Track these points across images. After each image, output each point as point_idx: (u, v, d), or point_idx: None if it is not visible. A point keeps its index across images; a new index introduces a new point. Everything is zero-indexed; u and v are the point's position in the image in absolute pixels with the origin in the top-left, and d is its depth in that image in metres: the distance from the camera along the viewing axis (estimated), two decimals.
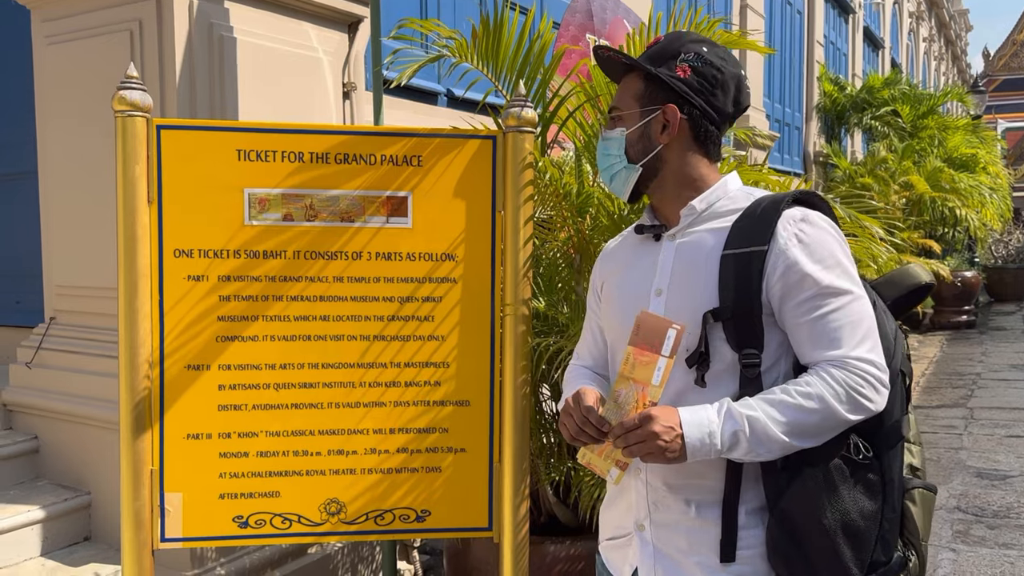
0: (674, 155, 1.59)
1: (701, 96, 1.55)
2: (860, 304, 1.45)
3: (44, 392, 3.42)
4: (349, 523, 2.46)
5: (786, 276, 1.45)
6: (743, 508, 1.50)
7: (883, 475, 1.47)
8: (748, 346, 1.47)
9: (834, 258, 1.45)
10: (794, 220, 1.48)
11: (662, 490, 1.56)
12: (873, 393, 1.41)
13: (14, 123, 3.92)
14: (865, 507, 1.44)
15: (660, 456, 1.41)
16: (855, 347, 1.42)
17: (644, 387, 1.45)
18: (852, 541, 1.43)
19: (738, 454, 1.43)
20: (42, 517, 3.15)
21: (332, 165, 2.38)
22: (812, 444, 1.43)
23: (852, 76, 14.64)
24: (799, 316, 1.46)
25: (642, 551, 1.59)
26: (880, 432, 1.48)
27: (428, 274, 2.43)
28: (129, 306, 2.30)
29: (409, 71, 2.62)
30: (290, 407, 2.41)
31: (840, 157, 12.02)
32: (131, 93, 2.27)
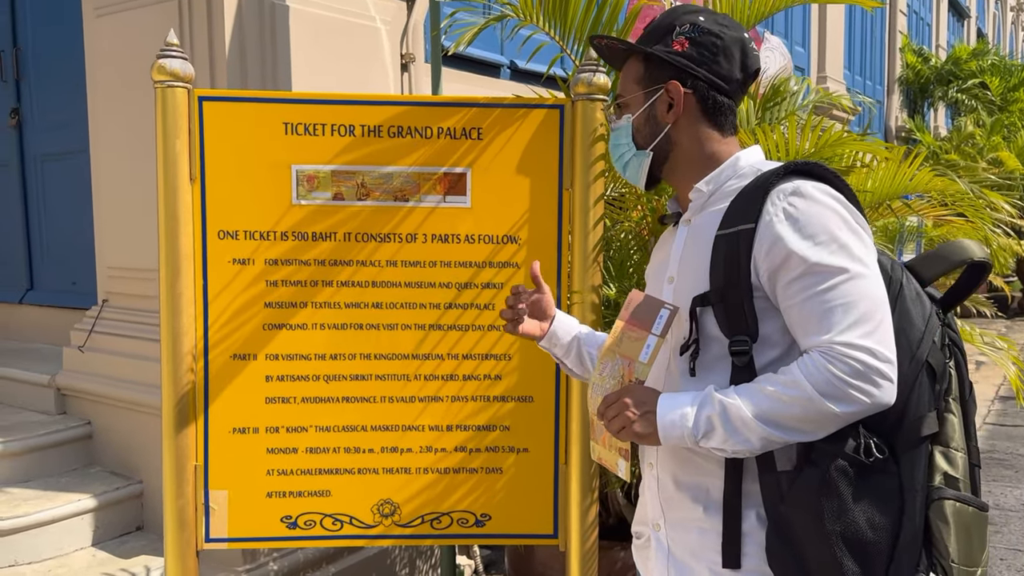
0: (684, 134, 1.49)
1: (703, 67, 1.45)
2: (858, 283, 1.26)
3: (96, 377, 3.33)
4: (403, 526, 2.28)
5: (772, 254, 1.31)
6: (750, 511, 1.37)
7: (901, 481, 1.29)
8: (738, 332, 1.35)
9: (827, 232, 1.28)
10: (784, 194, 1.33)
11: (671, 486, 1.48)
12: (865, 385, 1.23)
13: (69, 100, 3.83)
14: (875, 517, 1.27)
15: (630, 431, 1.36)
16: (845, 331, 1.24)
17: (630, 363, 1.39)
18: (858, 555, 1.26)
19: (716, 443, 1.31)
20: (93, 506, 3.06)
21: (385, 139, 2.18)
22: (802, 438, 1.28)
23: (936, 47, 13.92)
24: (788, 298, 1.31)
25: (658, 554, 1.51)
26: (900, 431, 1.30)
27: (488, 258, 2.22)
28: (171, 291, 2.15)
29: (468, 35, 2.41)
30: (341, 400, 2.24)
31: (923, 132, 11.44)
32: (171, 62, 2.11)
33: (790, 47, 8.36)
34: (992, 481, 4.81)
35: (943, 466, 1.31)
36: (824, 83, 9.01)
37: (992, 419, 6.21)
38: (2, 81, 4.20)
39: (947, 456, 1.32)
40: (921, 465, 1.30)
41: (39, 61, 4.09)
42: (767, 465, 1.33)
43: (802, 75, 8.71)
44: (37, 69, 4.10)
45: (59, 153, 4.02)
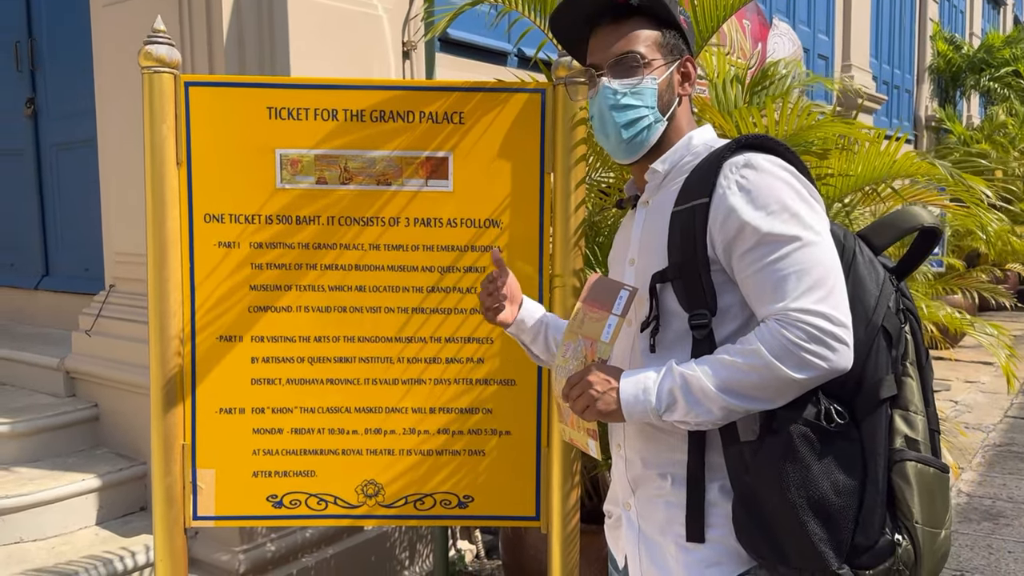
0: (681, 109, 1.50)
1: (689, 47, 1.51)
2: (810, 250, 1.27)
3: (103, 360, 3.40)
4: (387, 507, 2.31)
5: (726, 226, 1.32)
6: (713, 484, 1.38)
7: (863, 445, 1.29)
8: (697, 307, 1.36)
9: (780, 203, 1.29)
10: (736, 167, 1.34)
11: (639, 465, 1.48)
12: (821, 349, 1.23)
13: (83, 90, 3.90)
14: (839, 481, 1.27)
15: (594, 410, 1.36)
16: (799, 298, 1.25)
17: (592, 343, 1.39)
18: (824, 519, 1.26)
19: (679, 415, 1.32)
20: (98, 486, 3.13)
21: (368, 124, 2.20)
22: (763, 406, 1.29)
23: (970, 35, 13.65)
24: (744, 269, 1.32)
25: (628, 533, 1.52)
26: (859, 396, 1.30)
27: (471, 242, 2.24)
28: (158, 274, 2.19)
29: (443, 21, 2.41)
30: (325, 382, 2.27)
31: (954, 121, 11.24)
32: (157, 48, 2.14)
33: (812, 35, 8.25)
34: (1008, 474, 4.74)
35: (903, 429, 1.31)
36: (849, 71, 8.88)
37: (1014, 412, 6.11)
38: (18, 71, 4.29)
39: (907, 419, 1.32)
40: (882, 428, 1.30)
41: (54, 51, 4.17)
42: (730, 436, 1.34)
43: (825, 63, 8.60)
44: (52, 59, 4.18)
45: (73, 142, 4.10)
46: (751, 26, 4.68)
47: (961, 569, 3.56)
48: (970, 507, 4.27)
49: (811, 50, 8.25)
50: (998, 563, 3.61)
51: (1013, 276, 10.34)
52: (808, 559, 1.27)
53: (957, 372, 7.39)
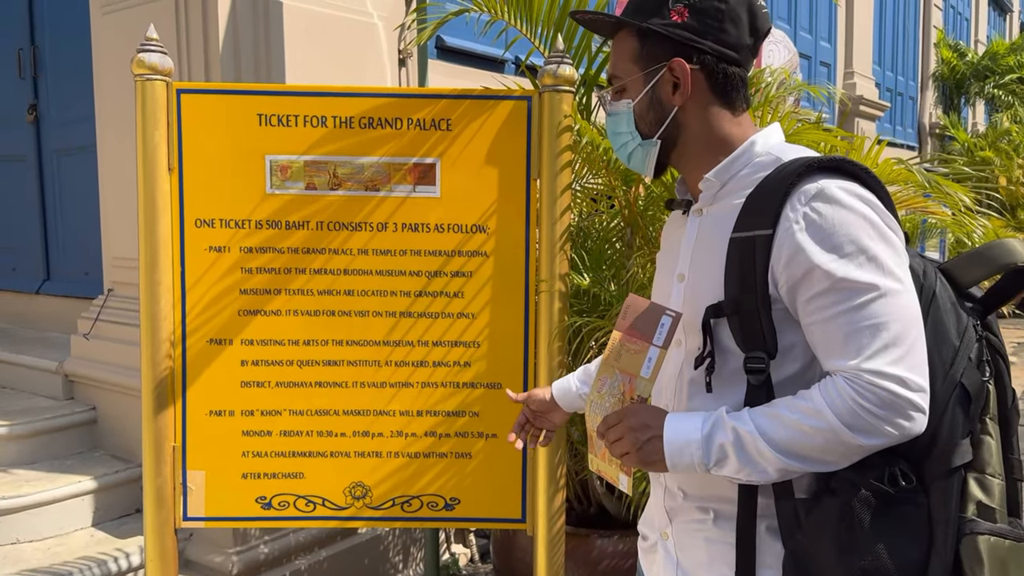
0: (693, 116, 1.33)
1: (709, 37, 1.28)
2: (889, 301, 1.14)
3: (101, 363, 3.43)
4: (374, 508, 2.34)
5: (791, 266, 1.18)
6: (763, 523, 1.26)
7: (930, 513, 1.17)
8: (754, 348, 1.22)
9: (856, 243, 1.15)
10: (806, 196, 1.18)
11: (678, 496, 1.37)
12: (894, 416, 1.12)
13: (83, 96, 3.94)
14: (901, 552, 1.15)
15: (634, 458, 1.24)
16: (873, 357, 1.12)
17: (631, 379, 1.25)
18: None
19: (729, 471, 1.20)
20: (94, 488, 3.16)
21: (357, 131, 2.24)
22: (821, 468, 1.17)
23: (975, 42, 13.65)
24: (810, 315, 1.18)
25: (666, 564, 1.41)
26: (929, 459, 1.17)
27: (458, 247, 2.27)
28: (150, 278, 2.23)
29: (429, 29, 2.45)
30: (314, 385, 2.30)
31: (958, 129, 11.22)
32: (150, 56, 2.18)
33: (814, 42, 8.27)
34: None
35: (977, 494, 1.19)
36: (851, 79, 8.90)
37: None
38: (20, 78, 4.34)
39: (982, 483, 1.19)
40: (953, 495, 1.17)
41: (56, 58, 4.22)
42: (784, 491, 1.23)
43: (828, 70, 8.62)
44: (54, 66, 4.23)
45: (74, 147, 4.14)
46: None
47: None
48: None
49: (813, 57, 8.27)
50: None
51: None
52: None
53: None
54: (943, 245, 6.71)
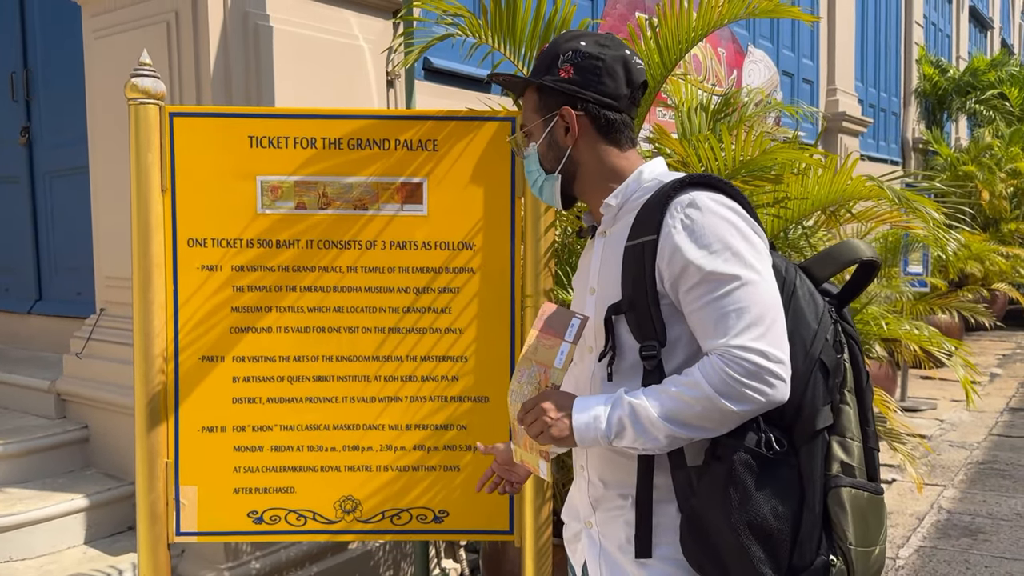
0: (584, 154, 1.57)
1: (590, 89, 1.53)
2: (750, 289, 1.35)
3: (93, 382, 3.47)
4: (365, 522, 2.38)
5: (672, 264, 1.40)
6: (663, 503, 1.46)
7: (801, 472, 1.38)
8: (648, 338, 1.43)
9: (721, 242, 1.37)
10: (681, 206, 1.41)
11: (600, 486, 1.56)
12: (759, 384, 1.32)
13: (75, 119, 4.00)
14: (778, 506, 1.36)
15: (548, 435, 1.42)
16: (738, 335, 1.33)
17: (546, 369, 1.45)
18: (763, 542, 1.35)
19: (627, 442, 1.40)
20: (86, 506, 3.19)
21: (345, 151, 2.30)
22: (705, 435, 1.38)
23: (956, 59, 13.84)
24: (688, 304, 1.40)
25: (590, 549, 1.59)
26: (797, 425, 1.39)
27: (445, 264, 2.32)
28: (143, 297, 2.28)
29: (414, 53, 2.52)
30: (304, 400, 2.35)
31: (941, 144, 11.38)
32: (143, 80, 2.24)
33: (797, 59, 8.39)
34: (989, 491, 4.80)
35: (840, 455, 1.40)
36: (834, 95, 9.02)
37: (999, 430, 6.17)
38: (13, 101, 4.40)
39: (843, 445, 1.40)
40: (819, 455, 1.38)
41: (48, 81, 4.27)
42: (678, 461, 1.42)
43: (810, 87, 8.74)
44: (46, 89, 4.29)
45: (66, 169, 4.19)
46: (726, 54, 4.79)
47: None
48: (950, 523, 4.33)
49: (796, 75, 8.40)
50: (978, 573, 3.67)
51: (1002, 297, 10.43)
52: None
53: (944, 391, 7.46)
54: (926, 259, 6.81)
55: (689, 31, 2.36)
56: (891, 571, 3.75)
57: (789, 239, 2.66)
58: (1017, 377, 8.09)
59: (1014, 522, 4.31)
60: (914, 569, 3.78)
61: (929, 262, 6.79)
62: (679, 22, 2.31)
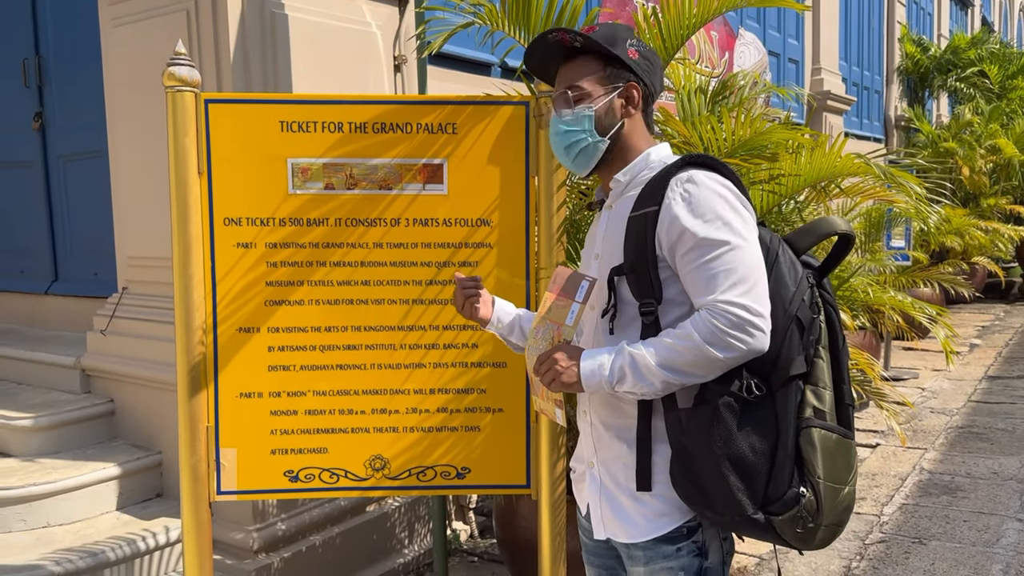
0: (626, 129, 1.74)
1: (647, 75, 1.74)
2: (737, 253, 1.54)
3: (118, 358, 3.63)
4: (393, 479, 2.56)
5: (671, 231, 1.58)
6: (662, 444, 1.65)
7: (776, 413, 1.56)
8: (646, 296, 1.62)
9: (713, 212, 1.56)
10: (680, 181, 1.60)
11: (601, 429, 1.75)
12: (741, 334, 1.50)
13: (88, 104, 4.13)
14: (755, 442, 1.54)
15: (559, 382, 1.62)
16: (725, 292, 1.52)
17: (559, 326, 1.64)
18: (741, 473, 1.54)
19: (627, 387, 1.58)
20: (117, 474, 3.36)
21: (370, 135, 2.45)
22: (696, 380, 1.56)
23: (938, 36, 14.05)
24: (683, 267, 1.58)
25: (591, 487, 1.79)
26: (775, 373, 1.57)
27: (464, 239, 2.49)
28: (183, 273, 2.43)
29: (439, 41, 2.67)
30: (335, 368, 2.52)
31: (922, 121, 11.60)
32: (180, 69, 2.38)
33: (783, 40, 8.57)
34: (968, 453, 5.05)
35: (812, 401, 1.58)
36: (819, 75, 9.21)
37: (977, 397, 6.42)
38: (26, 87, 4.51)
39: (816, 393, 1.59)
40: (793, 400, 1.57)
41: (60, 67, 4.39)
42: (671, 405, 1.62)
43: (796, 66, 8.92)
44: (58, 75, 4.40)
45: (79, 153, 4.32)
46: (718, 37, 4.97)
47: (919, 536, 3.85)
48: (931, 483, 4.57)
49: (782, 55, 8.57)
50: (953, 531, 3.90)
51: (981, 270, 10.70)
52: (728, 505, 1.55)
53: (926, 361, 7.72)
54: (908, 233, 7.03)
55: (689, 19, 2.53)
56: (876, 527, 3.98)
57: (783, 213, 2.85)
58: (995, 347, 8.36)
59: (991, 480, 4.56)
60: (897, 524, 4.01)
61: (911, 236, 7.01)
62: (680, 10, 2.48)
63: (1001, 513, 4.08)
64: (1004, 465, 4.79)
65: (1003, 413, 5.93)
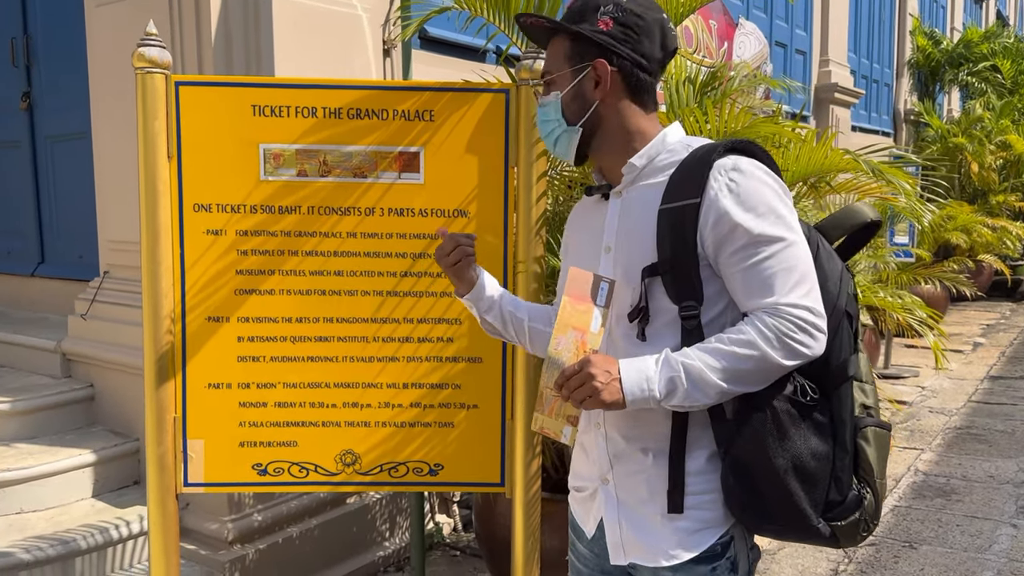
0: (610, 111, 1.57)
1: (627, 45, 1.53)
2: (794, 250, 1.43)
3: (97, 343, 3.58)
4: (364, 474, 2.50)
5: (718, 227, 1.44)
6: (694, 456, 1.51)
7: (832, 416, 1.48)
8: (687, 299, 1.47)
9: (766, 205, 1.43)
10: (725, 170, 1.45)
11: (620, 442, 1.58)
12: (807, 338, 1.40)
13: (76, 85, 4.06)
14: (816, 448, 1.45)
15: (598, 400, 1.41)
16: (787, 293, 1.41)
17: (583, 334, 1.46)
18: (805, 482, 1.44)
19: (677, 400, 1.43)
20: (93, 461, 3.31)
21: (345, 121, 2.38)
22: (751, 389, 1.43)
23: (951, 30, 13.86)
24: (733, 265, 1.44)
25: (606, 504, 1.60)
26: (827, 373, 1.48)
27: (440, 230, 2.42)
28: (151, 259, 2.37)
29: (413, 26, 2.60)
30: (306, 360, 2.45)
31: (932, 115, 11.45)
32: (150, 50, 2.31)
33: (790, 30, 8.44)
34: (965, 455, 4.97)
35: (861, 398, 1.50)
36: (827, 66, 9.08)
37: (978, 397, 6.34)
38: (14, 66, 4.45)
39: (862, 389, 1.50)
40: (848, 400, 1.48)
41: (48, 47, 4.32)
42: (719, 415, 1.47)
43: (803, 58, 8.79)
44: (46, 55, 4.34)
45: (67, 134, 4.26)
46: (717, 26, 4.87)
47: (910, 540, 3.78)
48: (925, 484, 4.49)
49: (789, 45, 8.45)
50: (946, 535, 3.83)
51: (988, 268, 10.58)
52: (792, 517, 1.44)
53: (927, 360, 7.62)
54: (912, 229, 6.92)
55: (678, 5, 2.44)
56: None
57: None
58: (999, 346, 8.26)
59: (987, 484, 4.48)
60: (889, 527, 3.94)
61: (915, 233, 6.91)
62: None
63: (995, 518, 4.01)
64: (1001, 468, 4.71)
65: (1003, 415, 5.84)
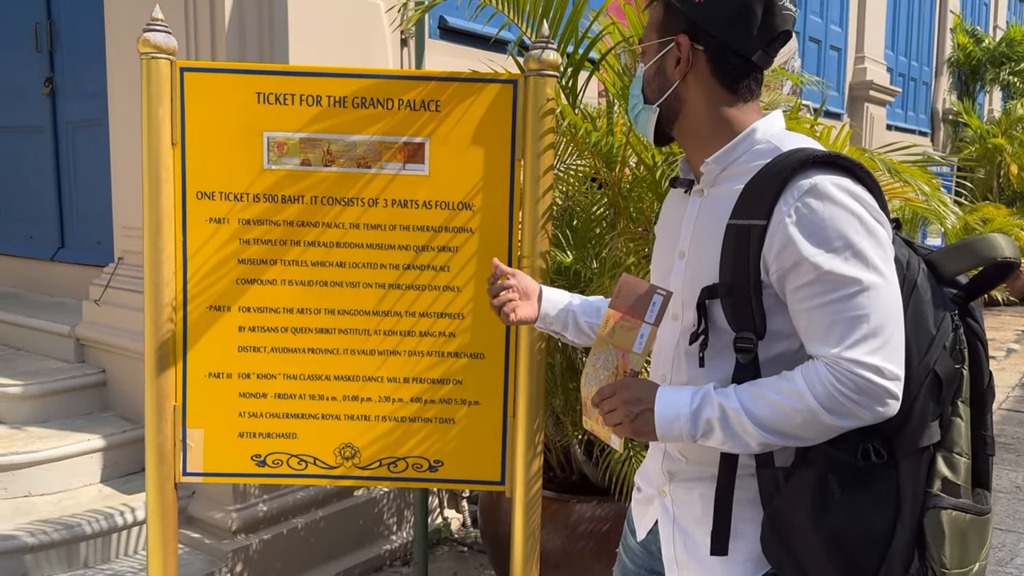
0: (694, 94, 1.39)
1: (718, 24, 1.33)
2: (870, 295, 1.21)
3: (110, 328, 3.59)
4: (363, 468, 2.47)
5: (782, 257, 1.25)
6: (744, 488, 1.37)
7: (899, 487, 1.26)
8: (745, 329, 1.30)
9: (843, 238, 1.21)
10: (800, 191, 1.23)
11: (679, 460, 1.47)
12: (867, 400, 1.21)
13: (97, 70, 4.06)
14: (870, 519, 1.25)
15: (627, 428, 1.33)
16: (852, 347, 1.20)
17: (625, 353, 1.35)
18: (849, 556, 1.26)
19: (714, 442, 1.30)
20: (102, 446, 3.32)
21: (350, 109, 2.35)
22: (798, 444, 1.27)
23: (993, 28, 13.53)
24: (798, 303, 1.26)
25: (663, 516, 1.52)
26: (901, 437, 1.26)
27: (444, 223, 2.38)
28: (153, 247, 2.35)
29: (415, 14, 2.56)
30: (307, 351, 2.43)
31: (971, 115, 11.19)
32: (155, 35, 2.30)
33: (825, 26, 8.28)
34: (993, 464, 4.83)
35: (944, 471, 1.28)
36: (862, 63, 8.90)
37: (1008, 405, 6.18)
38: (37, 51, 4.47)
39: (949, 461, 1.28)
40: (921, 471, 1.27)
41: (71, 33, 4.34)
42: (765, 461, 1.33)
43: (838, 54, 8.62)
44: (69, 40, 4.35)
45: (88, 120, 4.27)
46: None
47: None
48: None
49: (823, 41, 8.29)
50: None
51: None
52: None
53: None
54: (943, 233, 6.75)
55: None
56: None
57: None
58: None
59: (1013, 495, 4.35)
60: None
61: (946, 237, 6.75)
62: None
63: (1019, 530, 3.89)
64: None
65: None
